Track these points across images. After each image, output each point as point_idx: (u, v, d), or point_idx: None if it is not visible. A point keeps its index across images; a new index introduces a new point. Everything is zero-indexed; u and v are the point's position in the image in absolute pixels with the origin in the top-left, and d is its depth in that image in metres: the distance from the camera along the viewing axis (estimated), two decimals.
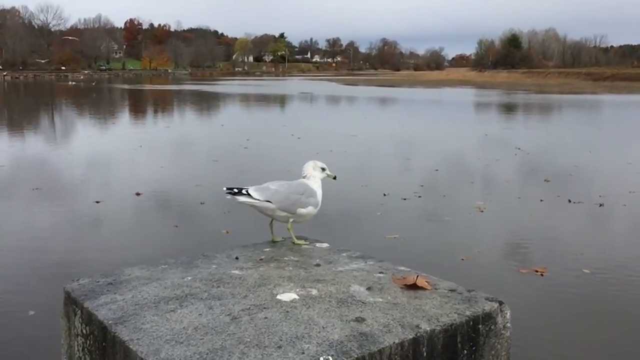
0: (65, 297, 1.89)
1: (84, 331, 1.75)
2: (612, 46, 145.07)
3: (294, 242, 2.29)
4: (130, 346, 1.47)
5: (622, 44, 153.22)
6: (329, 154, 15.23)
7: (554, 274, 6.35)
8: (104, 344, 1.63)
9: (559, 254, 7.09)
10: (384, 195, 10.12)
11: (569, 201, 9.55)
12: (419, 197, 10.06)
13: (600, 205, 9.35)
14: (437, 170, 12.67)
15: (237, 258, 2.14)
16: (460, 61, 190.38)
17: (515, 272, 6.51)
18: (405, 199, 9.84)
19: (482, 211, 9.12)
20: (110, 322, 1.62)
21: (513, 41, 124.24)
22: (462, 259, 6.88)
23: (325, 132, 21.34)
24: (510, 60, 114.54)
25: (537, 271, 6.43)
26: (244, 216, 8.93)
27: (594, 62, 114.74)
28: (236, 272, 1.99)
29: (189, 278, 1.94)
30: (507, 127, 25.21)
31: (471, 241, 7.64)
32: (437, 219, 8.71)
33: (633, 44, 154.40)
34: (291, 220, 2.24)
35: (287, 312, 1.63)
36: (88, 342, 1.73)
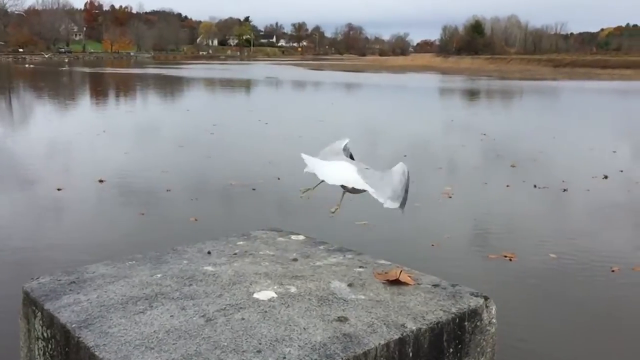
0: (23, 297, 1.76)
1: (45, 334, 1.63)
2: (571, 33, 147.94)
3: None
4: (96, 353, 1.36)
5: (581, 31, 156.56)
6: (298, 139, 15.14)
7: (522, 259, 6.43)
8: (67, 349, 1.51)
9: (526, 239, 7.18)
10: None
11: (535, 186, 9.69)
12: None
13: (564, 190, 9.51)
14: (405, 156, 12.69)
15: (209, 252, 2.03)
16: (425, 47, 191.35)
17: (485, 257, 6.56)
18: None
19: (450, 197, 9.17)
20: (73, 325, 1.50)
21: (476, 28, 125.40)
22: (432, 245, 6.90)
23: (292, 117, 21.19)
24: (474, 46, 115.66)
25: (505, 256, 6.49)
26: (212, 203, 8.81)
27: (555, 49, 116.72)
28: (209, 268, 1.88)
29: (159, 275, 1.82)
30: (472, 113, 25.48)
31: (440, 227, 7.68)
32: (406, 204, 8.70)
33: (592, 31, 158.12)
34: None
35: (265, 312, 1.54)
36: (49, 346, 1.61)
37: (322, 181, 1.78)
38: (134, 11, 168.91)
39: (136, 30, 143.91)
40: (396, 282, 1.73)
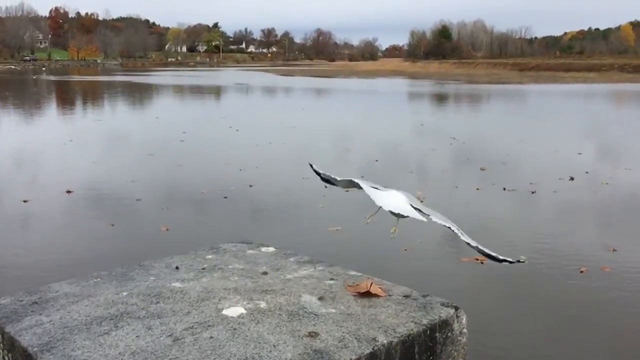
0: None
1: (6, 359, 1.57)
2: (536, 37, 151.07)
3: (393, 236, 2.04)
4: None
5: (545, 35, 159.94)
6: (268, 146, 15.08)
7: (493, 261, 6.49)
8: None
9: (497, 242, 7.26)
10: (326, 187, 10.04)
11: (504, 189, 9.82)
12: (360, 188, 10.08)
13: (533, 192, 9.67)
14: (376, 160, 12.76)
15: (177, 268, 1.99)
16: (393, 52, 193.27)
17: (457, 260, 6.61)
18: (347, 191, 9.82)
19: (421, 201, 9.20)
20: (35, 349, 1.45)
21: (443, 32, 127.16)
22: (405, 250, 6.93)
23: (263, 123, 21.12)
24: (441, 50, 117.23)
25: (477, 259, 6.55)
26: (183, 212, 8.69)
27: (520, 53, 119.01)
28: (177, 284, 1.84)
29: (125, 294, 1.77)
30: (442, 117, 25.77)
31: (413, 231, 7.70)
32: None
33: (555, 35, 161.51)
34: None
35: (235, 329, 1.51)
36: None
37: (380, 207, 1.92)
38: (100, 18, 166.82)
39: (103, 37, 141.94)
40: (367, 294, 1.71)
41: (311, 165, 2.38)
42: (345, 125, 20.58)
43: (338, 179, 2.16)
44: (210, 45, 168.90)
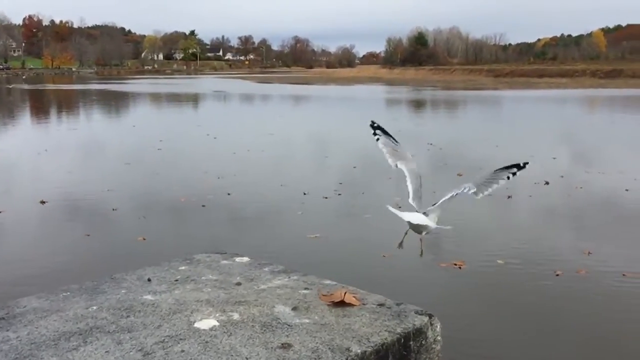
0: None
1: None
2: (510, 44, 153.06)
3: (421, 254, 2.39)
4: None
5: (519, 42, 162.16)
6: (247, 153, 15.03)
7: (471, 266, 6.54)
8: None
9: (474, 247, 7.32)
10: (304, 194, 10.07)
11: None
12: (339, 194, 10.09)
13: (509, 197, 9.76)
14: (355, 167, 12.78)
15: (149, 280, 1.95)
16: (370, 59, 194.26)
17: (436, 266, 6.64)
18: (326, 198, 9.84)
19: (400, 207, 9.24)
20: None
21: (419, 39, 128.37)
22: (384, 256, 6.94)
23: (241, 131, 21.05)
24: (418, 57, 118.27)
25: (455, 264, 6.59)
26: (160, 221, 8.60)
27: (495, 59, 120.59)
28: (148, 297, 1.81)
29: (94, 307, 1.73)
30: (419, 123, 25.96)
31: (391, 237, 7.69)
32: (358, 216, 8.77)
33: (529, 42, 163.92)
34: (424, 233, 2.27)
35: (207, 342, 1.48)
36: None
37: (408, 230, 2.30)
38: (75, 26, 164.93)
39: (78, 45, 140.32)
40: (341, 304, 1.70)
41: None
42: (323, 132, 20.61)
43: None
44: (187, 53, 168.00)
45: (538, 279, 6.19)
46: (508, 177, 2.16)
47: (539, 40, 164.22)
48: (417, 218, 2.18)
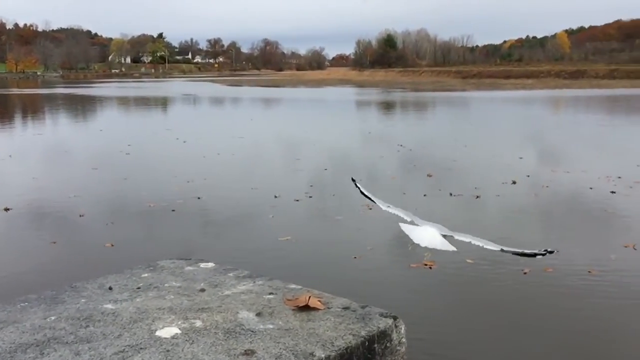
0: None
1: None
2: (477, 45, 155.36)
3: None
4: None
5: (486, 43, 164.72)
6: (217, 157, 14.93)
7: (441, 266, 6.59)
8: None
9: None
10: (275, 197, 10.04)
11: (450, 194, 10.01)
12: (310, 197, 10.09)
13: (477, 197, 9.89)
14: (326, 169, 12.80)
15: (110, 288, 1.91)
16: (340, 61, 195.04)
17: (406, 267, 6.68)
18: (297, 200, 9.82)
19: (370, 209, 9.30)
20: None
21: (388, 41, 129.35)
22: (355, 257, 6.95)
23: (211, 134, 20.90)
24: (387, 59, 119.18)
25: (426, 264, 6.64)
26: (129, 227, 8.46)
27: (462, 61, 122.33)
28: (109, 306, 1.76)
29: (53, 318, 1.68)
30: (389, 124, 26.15)
31: (362, 239, 7.76)
32: (329, 218, 8.77)
33: (495, 43, 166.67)
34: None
35: (168, 351, 1.45)
36: None
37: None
38: (39, 29, 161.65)
39: (43, 48, 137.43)
40: (306, 308, 1.69)
41: (354, 181, 2.63)
42: (294, 134, 20.59)
43: (382, 206, 2.50)
44: (156, 56, 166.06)
45: (506, 278, 6.27)
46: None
47: (505, 41, 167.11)
48: (426, 240, 2.17)
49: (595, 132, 21.51)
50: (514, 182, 11.07)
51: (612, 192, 10.27)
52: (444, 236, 2.18)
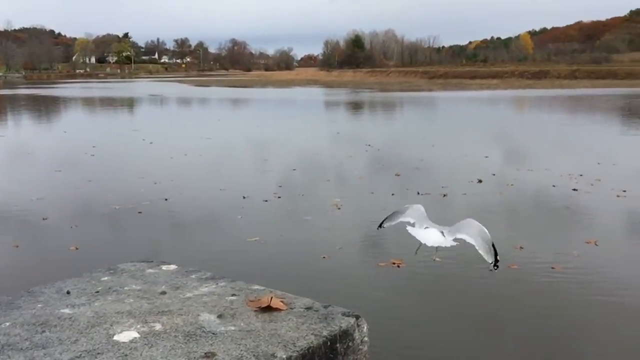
0: None
1: None
2: (443, 46, 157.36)
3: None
4: None
5: (452, 44, 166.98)
6: (184, 158, 14.77)
7: (409, 264, 6.65)
8: None
9: (411, 245, 7.40)
10: (244, 198, 9.98)
11: (418, 193, 10.11)
12: (279, 197, 10.06)
13: (444, 195, 10.01)
14: (294, 169, 12.78)
15: (68, 292, 1.86)
16: (308, 61, 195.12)
17: (375, 265, 6.71)
18: (266, 201, 9.79)
19: (339, 208, 9.33)
20: None
21: (356, 42, 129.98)
22: (324, 257, 6.96)
23: (178, 135, 20.67)
24: (355, 60, 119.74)
25: (394, 263, 6.69)
26: (94, 229, 8.31)
27: (429, 61, 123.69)
28: (66, 310, 1.72)
29: (7, 324, 1.63)
30: (357, 124, 26.28)
31: (331, 239, 7.77)
32: (297, 218, 8.77)
33: (461, 44, 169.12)
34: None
35: (126, 355, 1.42)
36: None
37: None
38: (1, 29, 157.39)
39: (4, 49, 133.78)
40: (268, 309, 1.68)
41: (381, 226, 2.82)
42: (262, 135, 20.52)
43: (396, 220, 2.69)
44: (121, 56, 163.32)
45: (472, 275, 6.35)
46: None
47: (470, 42, 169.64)
48: (432, 240, 2.44)
49: (558, 131, 21.99)
50: (480, 181, 11.24)
51: (574, 189, 10.51)
52: (443, 234, 2.43)
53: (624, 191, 10.21)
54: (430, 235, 2.49)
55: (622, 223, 8.54)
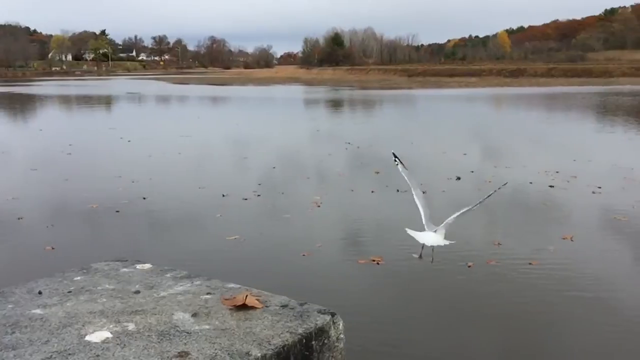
0: None
1: None
2: (422, 44, 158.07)
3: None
4: None
5: (430, 42, 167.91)
6: (163, 156, 14.65)
7: (389, 261, 6.68)
8: None
9: (392, 242, 7.47)
10: (223, 196, 9.93)
11: (397, 191, 10.14)
12: (258, 195, 10.03)
13: (424, 192, 10.03)
14: (274, 167, 12.75)
15: (40, 293, 1.83)
16: (288, 59, 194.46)
17: (354, 263, 6.73)
18: (245, 199, 9.75)
19: (319, 206, 9.33)
20: None
21: (336, 40, 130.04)
22: (304, 255, 6.96)
23: (157, 133, 20.50)
24: (335, 57, 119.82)
25: (374, 260, 6.71)
26: (71, 229, 8.19)
27: (408, 59, 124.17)
28: (37, 311, 1.69)
29: None
30: (337, 122, 26.29)
31: (311, 236, 7.78)
32: (277, 216, 8.74)
33: (440, 43, 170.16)
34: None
35: (98, 355, 1.40)
36: None
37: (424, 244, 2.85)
38: None
39: None
40: (243, 307, 1.66)
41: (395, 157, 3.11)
42: (242, 133, 20.43)
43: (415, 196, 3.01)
44: (98, 54, 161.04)
45: (451, 271, 6.41)
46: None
47: (449, 41, 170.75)
48: (431, 240, 2.73)
49: (535, 128, 22.27)
50: (459, 178, 11.33)
51: (551, 186, 10.65)
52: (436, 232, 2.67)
53: (599, 187, 10.38)
54: (428, 236, 2.72)
55: (597, 219, 8.68)
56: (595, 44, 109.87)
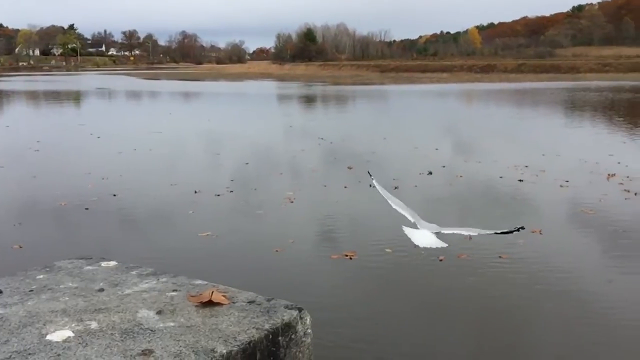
0: None
1: None
2: (394, 40, 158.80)
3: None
4: None
5: (403, 38, 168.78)
6: (133, 153, 14.45)
7: (362, 256, 6.71)
8: None
9: (364, 237, 7.51)
10: (195, 192, 9.85)
11: (370, 186, 10.15)
12: (231, 191, 9.97)
13: (396, 187, 10.12)
14: (247, 163, 12.68)
15: (0, 292, 1.78)
16: (260, 54, 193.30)
17: (327, 258, 6.74)
18: (218, 195, 9.68)
19: (292, 202, 9.31)
20: None
21: (308, 35, 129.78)
22: (277, 251, 6.95)
23: (127, 130, 20.21)
24: (307, 53, 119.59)
25: (346, 255, 6.73)
26: (39, 227, 8.03)
27: (380, 55, 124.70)
28: None
29: None
30: (310, 118, 26.28)
31: (284, 232, 7.76)
32: (250, 212, 8.70)
33: (412, 38, 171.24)
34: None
35: (59, 355, 1.37)
36: None
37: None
38: None
39: None
40: (210, 303, 1.65)
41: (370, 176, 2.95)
42: (214, 129, 20.27)
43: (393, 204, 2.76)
44: (67, 48, 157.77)
45: (423, 265, 6.46)
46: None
47: (420, 37, 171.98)
48: (423, 241, 2.53)
49: (505, 123, 22.59)
50: (430, 173, 11.43)
51: (520, 180, 10.82)
52: (437, 234, 2.52)
53: (567, 181, 10.58)
54: (425, 237, 2.58)
55: (565, 213, 8.85)
56: (563, 40, 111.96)
